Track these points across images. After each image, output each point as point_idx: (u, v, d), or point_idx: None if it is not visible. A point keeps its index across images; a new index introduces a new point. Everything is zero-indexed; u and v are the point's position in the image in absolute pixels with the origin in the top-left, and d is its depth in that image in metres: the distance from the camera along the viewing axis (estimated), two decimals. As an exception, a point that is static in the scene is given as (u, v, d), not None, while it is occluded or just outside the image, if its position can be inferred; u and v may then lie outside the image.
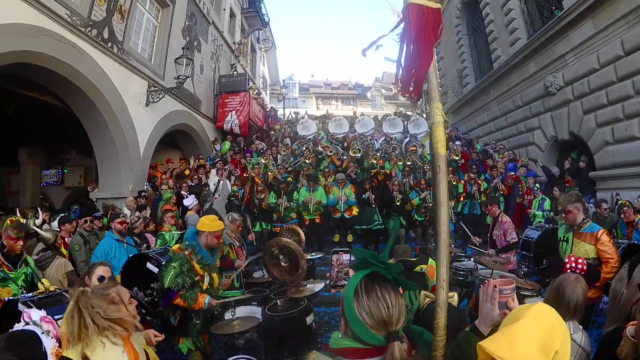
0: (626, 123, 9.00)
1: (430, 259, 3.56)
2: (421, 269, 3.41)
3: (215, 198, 9.75)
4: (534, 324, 1.17)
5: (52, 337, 1.87)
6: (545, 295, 2.64)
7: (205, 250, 4.03)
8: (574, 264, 2.68)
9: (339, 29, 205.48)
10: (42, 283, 3.97)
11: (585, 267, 2.71)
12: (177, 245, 3.95)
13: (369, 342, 1.23)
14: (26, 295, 3.61)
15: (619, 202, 7.31)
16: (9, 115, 11.04)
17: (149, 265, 4.30)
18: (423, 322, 1.85)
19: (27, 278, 4.17)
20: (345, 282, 1.46)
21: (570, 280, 2.46)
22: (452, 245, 6.77)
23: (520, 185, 10.15)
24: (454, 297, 2.52)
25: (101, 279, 3.22)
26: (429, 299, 2.68)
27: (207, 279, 3.88)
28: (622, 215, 7.03)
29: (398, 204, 9.29)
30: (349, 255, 4.33)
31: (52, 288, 3.80)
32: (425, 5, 1.63)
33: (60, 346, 1.85)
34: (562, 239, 4.42)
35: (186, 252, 3.76)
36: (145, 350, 2.24)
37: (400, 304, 1.26)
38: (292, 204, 9.30)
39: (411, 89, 1.77)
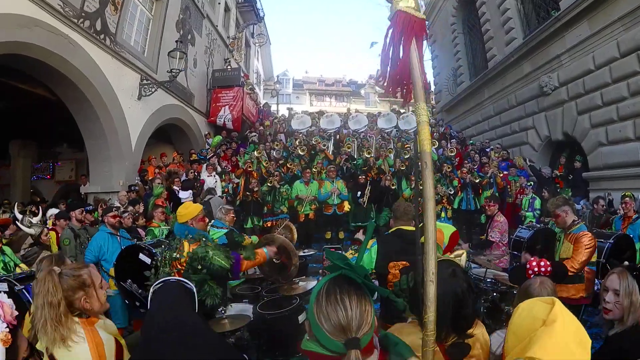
0: (620, 124, 9.03)
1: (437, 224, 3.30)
2: None
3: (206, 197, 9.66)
4: (567, 324, 1.24)
5: (1, 322, 1.69)
6: (514, 303, 2.63)
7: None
8: (536, 268, 2.64)
9: (334, 26, 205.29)
10: (19, 267, 3.95)
11: (549, 269, 2.68)
12: (187, 243, 3.58)
13: (329, 348, 1.18)
14: (4, 276, 3.58)
15: (623, 194, 7.19)
16: (1, 108, 10.92)
17: (141, 256, 4.22)
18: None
19: (6, 267, 4.12)
20: None
21: (535, 285, 2.46)
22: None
23: (509, 186, 10.18)
24: (462, 256, 2.27)
25: None
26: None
27: None
28: (622, 206, 6.91)
29: (394, 187, 9.28)
30: (340, 252, 4.24)
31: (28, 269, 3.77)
32: (412, 14, 1.79)
33: (10, 331, 1.68)
34: (557, 237, 4.47)
35: (203, 239, 3.64)
36: (116, 339, 2.06)
37: (363, 310, 1.19)
38: (282, 196, 9.24)
39: (397, 92, 1.95)
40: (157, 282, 2.41)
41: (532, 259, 2.77)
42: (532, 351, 1.20)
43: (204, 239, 3.61)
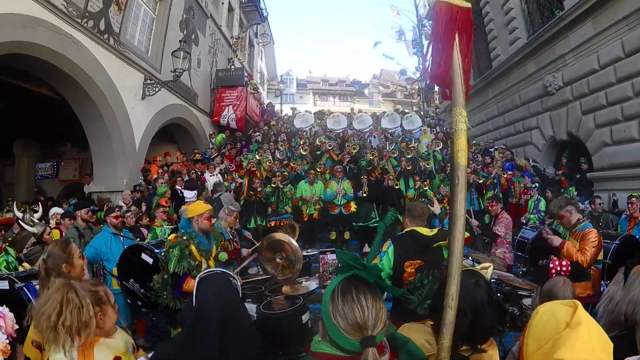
0: (625, 124, 8.98)
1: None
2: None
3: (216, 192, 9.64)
4: (592, 327, 1.26)
5: (2, 333, 1.65)
6: (535, 303, 2.62)
7: (201, 236, 4.13)
8: (558, 267, 2.66)
9: (337, 26, 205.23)
10: (22, 266, 3.99)
11: (569, 268, 2.70)
12: (173, 235, 3.96)
13: (345, 347, 1.20)
14: (5, 274, 3.59)
15: (629, 194, 7.16)
16: (3, 108, 10.94)
17: (143, 256, 4.26)
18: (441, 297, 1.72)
19: (9, 266, 4.15)
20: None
21: (559, 285, 2.46)
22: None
23: (513, 187, 10.12)
24: (489, 269, 2.22)
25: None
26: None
27: (204, 266, 3.88)
28: (628, 206, 6.89)
29: (397, 187, 9.26)
30: (335, 255, 4.25)
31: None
32: (454, 4, 1.62)
33: (9, 342, 1.64)
34: (562, 236, 4.46)
35: (184, 238, 3.76)
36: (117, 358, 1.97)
37: (379, 308, 1.22)
38: (285, 196, 9.22)
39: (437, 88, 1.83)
40: (202, 273, 2.48)
41: (554, 258, 2.79)
42: (559, 353, 1.20)
43: (184, 238, 3.76)
